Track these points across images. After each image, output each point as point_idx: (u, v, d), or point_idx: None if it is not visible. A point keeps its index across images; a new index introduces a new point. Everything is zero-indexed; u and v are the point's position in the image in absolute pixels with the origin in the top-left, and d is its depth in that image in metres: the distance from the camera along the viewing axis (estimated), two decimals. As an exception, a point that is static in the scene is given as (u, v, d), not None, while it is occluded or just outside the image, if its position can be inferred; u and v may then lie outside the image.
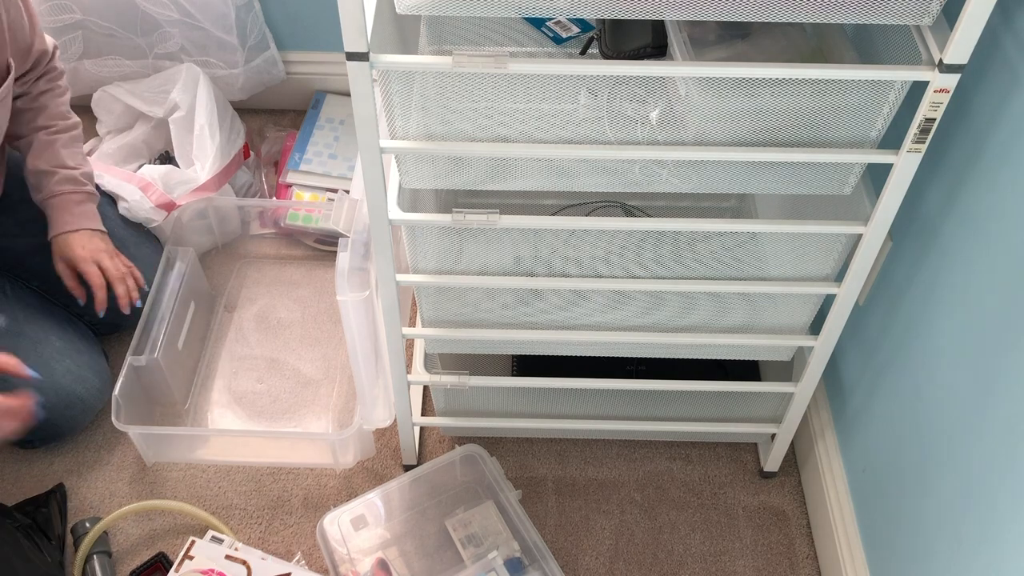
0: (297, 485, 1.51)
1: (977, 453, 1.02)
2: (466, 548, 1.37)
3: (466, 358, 1.54)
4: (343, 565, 1.34)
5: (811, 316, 1.25)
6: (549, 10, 0.90)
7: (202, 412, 1.59)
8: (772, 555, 1.44)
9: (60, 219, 1.46)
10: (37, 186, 1.47)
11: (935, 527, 1.11)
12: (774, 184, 1.08)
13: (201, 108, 1.75)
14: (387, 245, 1.12)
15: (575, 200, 1.49)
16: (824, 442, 1.44)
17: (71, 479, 1.51)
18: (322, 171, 1.85)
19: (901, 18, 0.89)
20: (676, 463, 1.55)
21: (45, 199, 1.46)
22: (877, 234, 1.09)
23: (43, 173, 1.45)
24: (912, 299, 1.19)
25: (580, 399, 1.45)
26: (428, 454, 1.55)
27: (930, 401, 1.14)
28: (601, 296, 1.23)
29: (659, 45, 1.02)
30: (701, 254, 1.23)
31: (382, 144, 1.00)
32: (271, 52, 1.91)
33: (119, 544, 1.44)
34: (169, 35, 1.83)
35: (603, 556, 1.44)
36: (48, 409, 1.46)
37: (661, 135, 1.02)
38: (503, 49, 1.23)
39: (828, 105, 0.99)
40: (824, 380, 1.48)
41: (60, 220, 1.46)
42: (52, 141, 1.47)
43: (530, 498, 1.50)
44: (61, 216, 1.46)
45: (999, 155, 0.99)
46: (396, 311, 1.22)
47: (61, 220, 1.46)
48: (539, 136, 1.02)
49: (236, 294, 1.76)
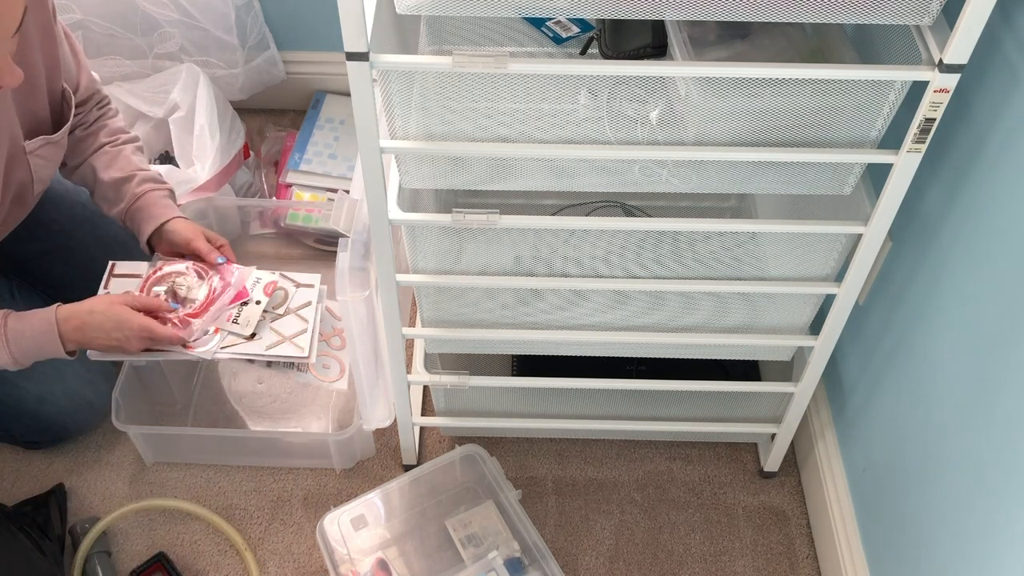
0: (297, 485, 1.51)
1: (977, 452, 1.02)
2: (466, 548, 1.37)
3: (466, 358, 1.54)
4: (343, 565, 1.34)
5: (811, 316, 1.25)
6: (549, 10, 0.90)
7: (202, 412, 1.59)
8: (772, 555, 1.44)
9: (155, 213, 1.42)
10: (116, 196, 1.43)
11: (935, 527, 1.11)
12: (774, 184, 1.08)
13: (201, 108, 1.75)
14: (387, 245, 1.12)
15: (575, 200, 1.49)
16: (824, 442, 1.44)
17: (71, 479, 1.51)
18: (322, 171, 1.85)
19: (901, 18, 0.89)
20: (676, 463, 1.55)
21: (129, 204, 1.42)
22: (877, 234, 1.09)
23: (121, 180, 1.42)
24: (912, 299, 1.19)
25: (580, 399, 1.45)
26: (428, 454, 1.55)
27: (930, 400, 1.14)
28: (601, 296, 1.23)
29: (659, 45, 1.02)
30: (701, 254, 1.23)
31: (382, 144, 1.00)
32: (271, 52, 1.91)
33: (119, 544, 1.44)
34: (169, 35, 1.83)
35: (603, 556, 1.44)
36: (59, 412, 1.46)
37: (661, 135, 1.02)
38: (503, 49, 1.23)
39: (828, 105, 0.99)
40: (824, 380, 1.48)
41: (155, 214, 1.42)
42: (120, 151, 1.45)
43: (530, 498, 1.50)
44: (153, 211, 1.42)
45: (999, 155, 0.99)
46: (396, 311, 1.22)
47: (157, 214, 1.42)
48: (539, 136, 1.02)
49: (236, 294, 1.76)
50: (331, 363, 1.40)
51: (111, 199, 1.44)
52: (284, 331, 1.35)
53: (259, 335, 1.35)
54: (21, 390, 1.42)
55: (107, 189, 1.44)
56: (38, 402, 1.44)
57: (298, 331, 1.36)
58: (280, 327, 1.36)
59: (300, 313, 1.38)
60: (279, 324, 1.36)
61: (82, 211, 1.55)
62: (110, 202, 1.45)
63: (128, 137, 1.48)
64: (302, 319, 1.37)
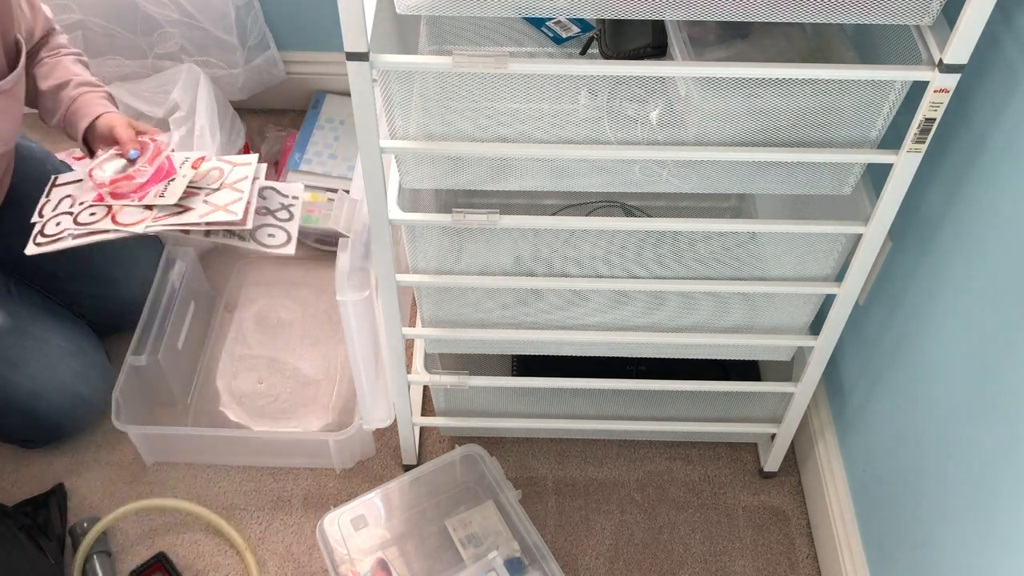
0: (297, 485, 1.51)
1: (977, 452, 1.02)
2: (466, 548, 1.37)
3: (466, 358, 1.54)
4: (343, 565, 1.34)
5: (811, 316, 1.25)
6: (549, 10, 0.90)
7: (202, 412, 1.59)
8: (772, 555, 1.44)
9: (87, 112, 1.40)
10: (54, 105, 1.42)
11: (935, 526, 1.11)
12: (774, 184, 1.08)
13: (201, 108, 1.75)
14: (387, 245, 1.12)
15: (575, 200, 1.49)
16: (824, 442, 1.44)
17: (71, 479, 1.51)
18: (322, 171, 1.85)
19: (901, 18, 0.89)
20: (676, 463, 1.55)
21: (66, 108, 1.41)
22: (877, 234, 1.09)
23: (58, 87, 1.40)
24: (912, 299, 1.19)
25: (580, 399, 1.45)
26: (428, 454, 1.55)
27: (930, 400, 1.14)
28: (601, 296, 1.23)
29: (659, 45, 1.02)
30: (701, 254, 1.23)
31: (382, 144, 1.00)
32: (271, 52, 1.91)
33: (119, 544, 1.45)
34: (169, 35, 1.83)
35: (603, 556, 1.44)
36: (52, 408, 1.46)
37: (661, 135, 1.02)
38: (503, 49, 1.23)
39: (828, 105, 0.99)
40: (824, 380, 1.48)
41: (88, 113, 1.40)
42: (59, 61, 1.43)
43: (530, 498, 1.50)
44: (87, 110, 1.40)
45: (999, 155, 0.99)
46: (396, 311, 1.22)
47: (89, 112, 1.40)
48: (539, 136, 1.02)
49: (236, 294, 1.76)
50: (276, 232, 1.39)
51: (51, 109, 1.44)
52: (218, 202, 1.35)
53: (193, 208, 1.34)
54: (13, 385, 1.42)
55: (47, 99, 1.44)
56: (31, 397, 1.43)
57: (232, 200, 1.35)
58: (214, 199, 1.35)
59: (236, 186, 1.37)
60: (214, 197, 1.35)
61: None
62: (50, 112, 1.44)
63: (69, 51, 1.47)
64: (237, 191, 1.37)
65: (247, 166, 1.40)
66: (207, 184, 1.37)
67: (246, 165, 1.40)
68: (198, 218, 1.32)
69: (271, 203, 1.43)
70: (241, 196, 1.35)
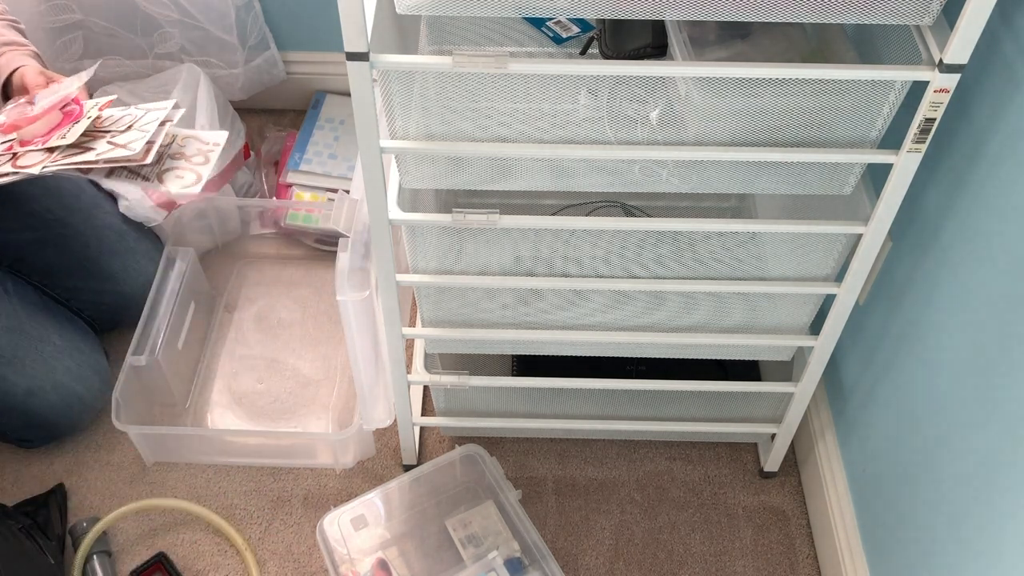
0: (297, 485, 1.51)
1: (978, 452, 1.02)
2: (466, 548, 1.37)
3: (466, 358, 1.54)
4: (343, 565, 1.34)
5: (811, 316, 1.25)
6: (549, 10, 0.90)
7: (202, 412, 1.59)
8: (772, 555, 1.44)
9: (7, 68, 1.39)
10: None
11: (935, 527, 1.11)
12: (774, 184, 1.08)
13: (201, 108, 1.74)
14: (387, 245, 1.12)
15: (575, 200, 1.49)
16: (824, 442, 1.44)
17: (71, 479, 1.51)
18: (322, 171, 1.85)
19: (901, 18, 0.89)
20: (676, 463, 1.55)
21: None
22: (877, 234, 1.09)
23: None
24: (912, 299, 1.19)
25: (580, 399, 1.45)
26: (428, 454, 1.55)
27: (930, 401, 1.14)
28: (601, 296, 1.23)
29: (659, 45, 1.02)
30: (701, 254, 1.23)
31: (382, 144, 1.00)
32: (271, 52, 1.91)
33: (119, 544, 1.45)
34: (169, 35, 1.83)
35: (603, 556, 1.44)
36: (48, 407, 1.46)
37: (661, 135, 1.02)
38: (503, 49, 1.23)
39: (828, 105, 0.99)
40: (824, 380, 1.48)
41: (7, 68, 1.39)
42: None
43: (530, 498, 1.50)
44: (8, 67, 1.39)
45: (999, 155, 0.99)
46: (396, 311, 1.22)
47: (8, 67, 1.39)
48: (539, 136, 1.02)
49: (236, 294, 1.76)
50: (186, 174, 1.36)
51: None
52: (121, 143, 1.33)
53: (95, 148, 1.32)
54: (8, 383, 1.42)
55: None
56: (27, 395, 1.43)
57: (135, 139, 1.33)
58: (118, 140, 1.33)
59: (143, 127, 1.35)
60: (119, 138, 1.34)
61: (76, 201, 1.55)
62: None
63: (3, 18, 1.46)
64: (143, 131, 1.34)
65: (160, 111, 1.38)
66: (116, 128, 1.35)
67: (159, 110, 1.38)
68: (95, 156, 1.30)
69: (188, 149, 1.40)
70: (145, 135, 1.32)
